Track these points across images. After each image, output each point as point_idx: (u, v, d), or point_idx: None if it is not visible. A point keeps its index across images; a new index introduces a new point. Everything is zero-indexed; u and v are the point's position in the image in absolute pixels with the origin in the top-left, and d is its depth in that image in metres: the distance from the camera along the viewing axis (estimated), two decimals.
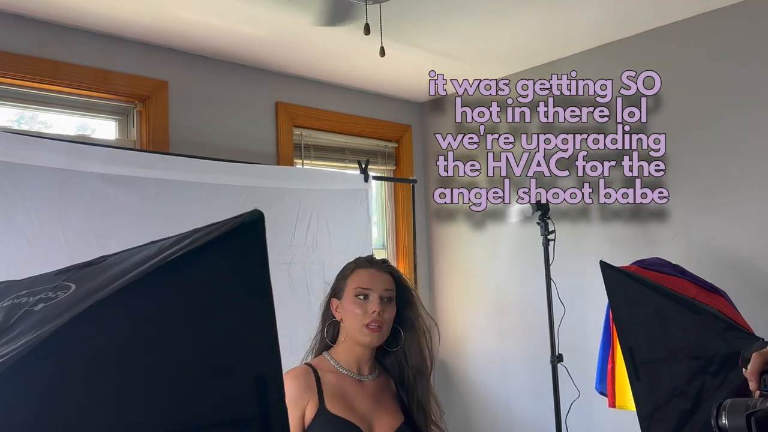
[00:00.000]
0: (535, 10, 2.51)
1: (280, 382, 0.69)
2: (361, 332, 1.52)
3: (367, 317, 1.51)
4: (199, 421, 0.68)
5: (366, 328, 1.51)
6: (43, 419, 0.62)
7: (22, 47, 2.33)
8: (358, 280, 1.55)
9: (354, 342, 1.55)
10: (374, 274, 1.57)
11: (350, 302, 1.54)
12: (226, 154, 2.77)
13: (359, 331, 1.52)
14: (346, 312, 1.55)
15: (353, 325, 1.53)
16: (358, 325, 1.52)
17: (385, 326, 1.54)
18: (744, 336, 1.54)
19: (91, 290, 0.70)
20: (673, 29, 2.70)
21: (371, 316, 1.51)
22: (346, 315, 1.55)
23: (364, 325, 1.51)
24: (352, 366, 1.56)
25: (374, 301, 1.52)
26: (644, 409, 1.61)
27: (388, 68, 3.15)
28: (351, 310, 1.53)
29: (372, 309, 1.51)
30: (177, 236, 0.73)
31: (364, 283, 1.54)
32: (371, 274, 1.56)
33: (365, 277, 1.55)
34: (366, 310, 1.52)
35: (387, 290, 1.55)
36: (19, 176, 1.97)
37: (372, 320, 1.51)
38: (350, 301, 1.54)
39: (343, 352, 1.57)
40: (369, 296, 1.53)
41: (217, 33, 2.62)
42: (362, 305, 1.53)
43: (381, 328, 1.53)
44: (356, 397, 1.52)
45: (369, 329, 1.51)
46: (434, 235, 3.77)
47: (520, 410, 3.29)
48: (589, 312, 2.85)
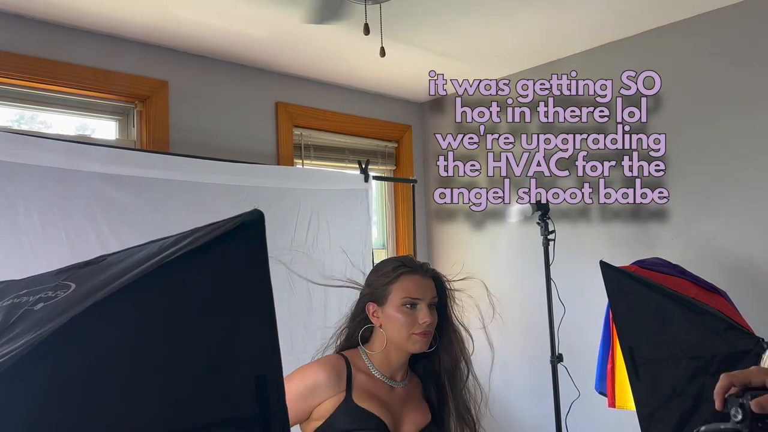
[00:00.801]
0: (535, 10, 2.51)
1: (280, 382, 0.69)
2: (410, 340, 1.46)
3: (417, 327, 1.45)
4: (199, 421, 0.68)
5: (415, 335, 1.46)
6: (43, 419, 0.62)
7: (22, 47, 2.33)
8: (405, 289, 1.47)
9: (395, 348, 1.49)
10: (421, 281, 1.49)
11: (396, 311, 1.46)
12: (226, 154, 2.77)
13: (407, 339, 1.46)
14: (389, 320, 1.47)
15: (399, 333, 1.46)
16: (406, 334, 1.46)
17: (432, 332, 1.50)
18: (744, 336, 1.54)
19: (91, 290, 0.70)
20: (673, 29, 2.70)
21: (421, 326, 1.45)
22: (389, 322, 1.47)
23: (413, 333, 1.46)
24: (386, 371, 1.51)
25: (424, 311, 1.46)
26: (644, 409, 1.61)
27: (388, 68, 3.15)
28: (397, 319, 1.46)
29: (423, 319, 1.45)
30: (177, 236, 0.72)
31: (412, 293, 1.46)
32: (418, 282, 1.49)
33: (413, 285, 1.48)
34: (415, 320, 1.45)
35: (434, 297, 1.50)
36: (19, 176, 1.97)
37: (422, 330, 1.46)
38: (396, 311, 1.46)
39: (379, 356, 1.50)
40: (418, 305, 1.47)
41: (217, 33, 2.62)
42: (411, 315, 1.46)
43: (430, 334, 1.48)
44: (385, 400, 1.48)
45: (419, 336, 1.46)
46: (434, 235, 3.77)
47: (520, 410, 3.29)
48: (589, 312, 2.85)
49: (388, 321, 1.47)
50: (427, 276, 1.52)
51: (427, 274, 1.53)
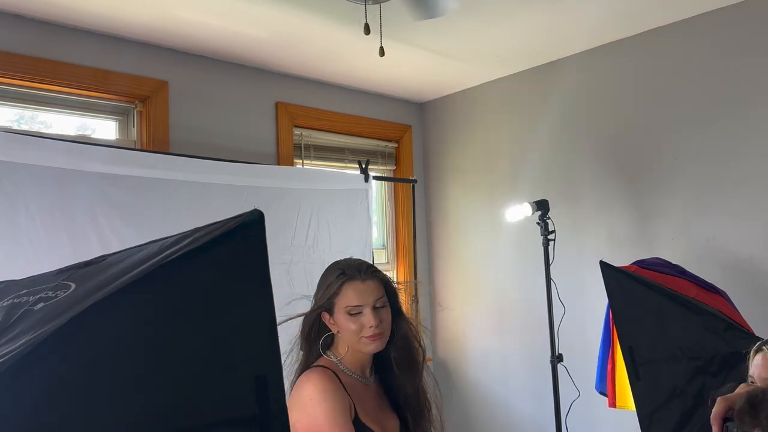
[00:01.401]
0: (535, 10, 2.51)
1: (280, 382, 0.69)
2: (362, 343, 1.49)
3: (365, 331, 1.48)
4: (199, 421, 0.68)
5: (366, 339, 1.48)
6: (43, 419, 0.62)
7: (22, 47, 2.33)
8: (346, 297, 1.49)
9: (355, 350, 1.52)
10: (360, 287, 1.50)
11: (344, 320, 1.49)
12: (226, 154, 2.77)
13: (358, 342, 1.49)
14: (341, 327, 1.50)
15: (352, 338, 1.49)
16: (357, 338, 1.48)
17: (385, 331, 1.51)
18: (744, 336, 1.54)
19: (91, 289, 0.70)
20: (673, 29, 2.70)
21: (369, 330, 1.47)
22: (342, 329, 1.50)
23: (362, 337, 1.48)
24: (357, 369, 1.53)
25: (368, 315, 1.48)
26: (644, 409, 1.61)
27: (388, 68, 3.15)
28: (346, 326, 1.48)
29: (369, 323, 1.47)
30: (177, 236, 0.73)
31: (352, 301, 1.48)
32: (358, 288, 1.49)
33: (353, 293, 1.49)
34: (362, 324, 1.47)
35: (378, 299, 1.50)
36: (20, 176, 1.97)
37: (371, 334, 1.48)
38: (344, 319, 1.49)
39: (348, 357, 1.53)
40: (362, 311, 1.48)
41: (217, 33, 2.62)
42: (357, 321, 1.48)
43: (382, 335, 1.50)
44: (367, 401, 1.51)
45: (369, 339, 1.48)
46: (434, 235, 3.77)
47: (520, 410, 3.29)
48: (589, 312, 2.85)
49: (341, 328, 1.51)
50: (369, 278, 1.52)
51: (367, 277, 1.52)
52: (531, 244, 3.04)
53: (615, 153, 2.89)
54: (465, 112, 3.59)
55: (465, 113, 3.59)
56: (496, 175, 3.41)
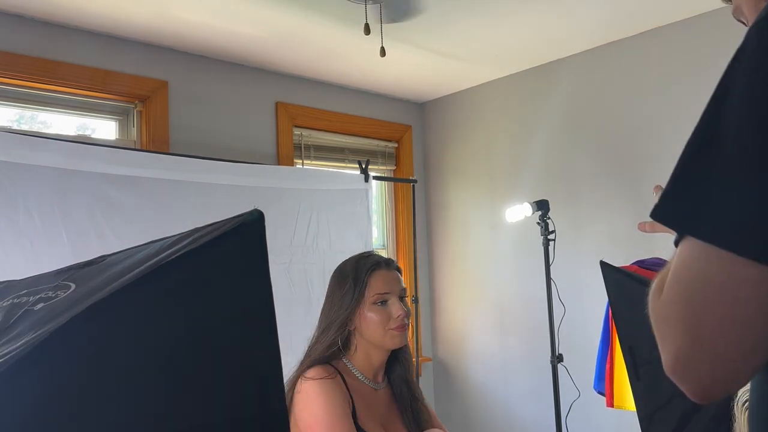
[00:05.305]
0: (535, 10, 2.51)
1: (280, 382, 0.69)
2: (388, 336, 1.46)
3: (392, 322, 1.46)
4: (198, 421, 0.68)
5: (392, 330, 1.46)
6: (43, 419, 0.62)
7: (22, 47, 2.33)
8: (374, 287, 1.47)
9: (375, 348, 1.49)
10: (387, 275, 1.49)
11: (369, 311, 1.46)
12: (226, 154, 2.77)
13: (384, 335, 1.46)
14: (364, 321, 1.47)
15: (377, 332, 1.46)
16: (383, 330, 1.46)
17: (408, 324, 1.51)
18: None
19: (91, 290, 0.70)
20: (673, 29, 2.70)
21: (397, 320, 1.46)
22: (364, 324, 1.47)
23: (389, 329, 1.46)
24: (369, 373, 1.51)
25: (396, 304, 1.47)
26: (644, 409, 1.61)
27: (388, 68, 3.15)
28: (371, 318, 1.46)
29: (397, 312, 1.46)
30: (177, 236, 0.73)
31: (381, 289, 1.47)
32: (385, 277, 1.49)
33: (381, 281, 1.48)
34: (389, 315, 1.46)
35: (402, 288, 1.51)
36: (20, 176, 1.97)
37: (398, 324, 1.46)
38: (369, 310, 1.46)
39: (360, 360, 1.50)
40: (388, 300, 1.47)
41: (217, 33, 2.62)
42: (384, 312, 1.46)
43: (407, 326, 1.49)
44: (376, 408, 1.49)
45: (396, 330, 1.46)
46: (434, 235, 3.77)
47: (520, 410, 3.29)
48: (589, 312, 2.85)
49: (362, 322, 1.47)
50: (391, 268, 1.52)
51: (391, 266, 1.53)
52: (531, 244, 3.04)
53: (615, 153, 2.89)
54: (465, 112, 3.59)
55: (465, 113, 3.59)
56: (496, 175, 3.41)
